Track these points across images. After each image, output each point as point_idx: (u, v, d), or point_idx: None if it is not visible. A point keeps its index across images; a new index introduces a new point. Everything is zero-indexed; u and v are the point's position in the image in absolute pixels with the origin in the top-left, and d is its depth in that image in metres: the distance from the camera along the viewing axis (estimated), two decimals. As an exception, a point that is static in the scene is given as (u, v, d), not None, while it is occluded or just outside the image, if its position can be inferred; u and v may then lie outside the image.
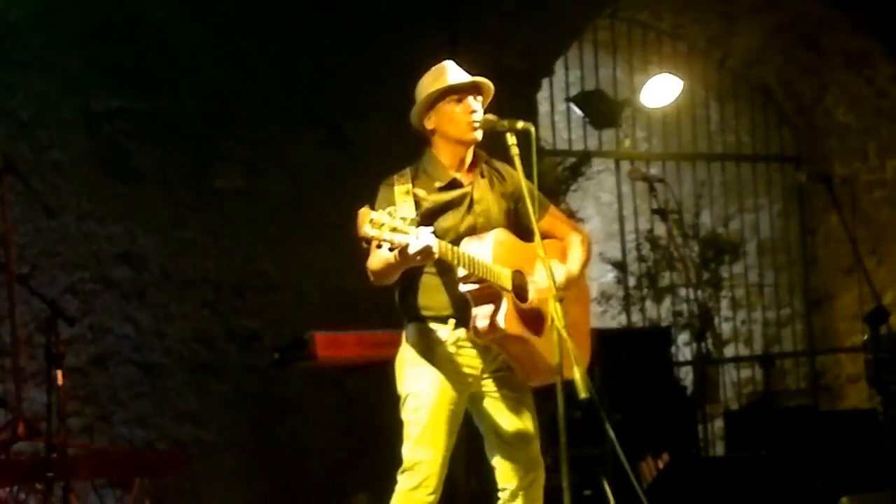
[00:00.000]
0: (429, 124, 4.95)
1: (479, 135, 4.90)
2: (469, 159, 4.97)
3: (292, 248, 8.22)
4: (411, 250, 4.44)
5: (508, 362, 4.87)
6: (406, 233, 4.40)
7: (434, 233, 4.54)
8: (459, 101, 4.89)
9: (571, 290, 4.93)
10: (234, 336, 8.06)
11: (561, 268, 4.90)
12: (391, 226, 4.37)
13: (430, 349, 4.84)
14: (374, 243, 4.46)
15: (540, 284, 4.82)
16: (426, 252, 4.49)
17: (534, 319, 4.84)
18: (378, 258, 4.68)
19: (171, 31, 8.08)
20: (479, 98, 4.93)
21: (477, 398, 4.92)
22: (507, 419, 4.91)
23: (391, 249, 4.45)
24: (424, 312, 4.87)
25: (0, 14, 7.64)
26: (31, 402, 7.17)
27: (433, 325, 4.85)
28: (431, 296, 4.85)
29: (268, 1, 8.40)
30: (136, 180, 7.92)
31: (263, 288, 8.16)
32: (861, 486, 6.68)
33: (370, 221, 4.36)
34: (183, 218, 8.02)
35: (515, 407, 4.92)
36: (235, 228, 8.14)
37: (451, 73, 4.93)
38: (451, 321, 4.83)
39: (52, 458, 6.12)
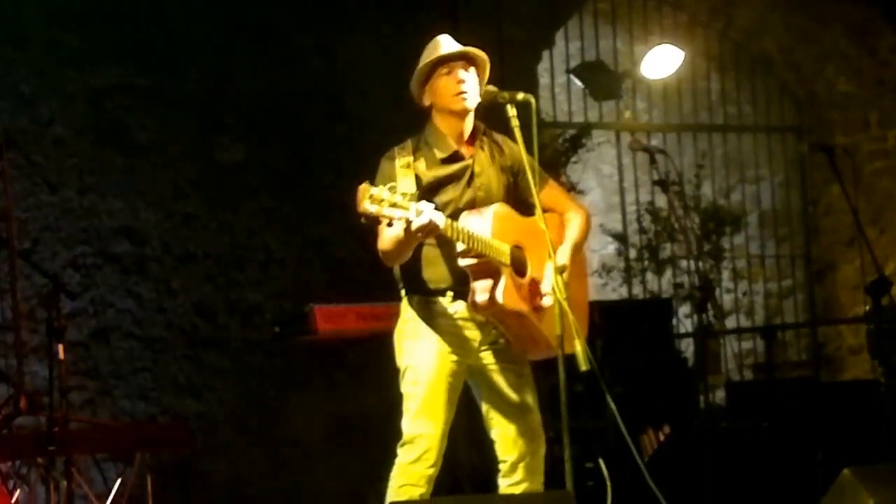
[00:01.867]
0: (426, 100, 4.95)
1: (469, 104, 4.88)
2: (468, 131, 4.96)
3: (293, 222, 8.22)
4: (413, 226, 4.43)
5: (506, 336, 4.87)
6: (406, 208, 4.38)
7: (434, 207, 4.53)
8: (449, 73, 4.88)
9: (569, 267, 4.92)
10: (235, 310, 8.06)
11: (558, 257, 4.86)
12: (391, 201, 4.35)
13: (429, 322, 4.85)
14: (383, 223, 4.45)
15: (539, 259, 4.82)
16: (429, 227, 4.48)
17: (532, 294, 4.84)
18: (387, 238, 4.67)
19: (171, 5, 8.06)
20: (472, 69, 4.91)
21: (475, 370, 4.93)
22: (506, 391, 4.92)
23: (390, 225, 4.44)
24: (423, 285, 4.87)
25: (1, -11, 7.64)
26: (33, 377, 7.19)
27: (432, 298, 4.86)
28: (431, 268, 4.85)
29: (269, -24, 8.39)
30: (137, 155, 7.91)
31: (264, 262, 8.16)
32: (863, 458, 6.65)
33: (369, 197, 4.34)
34: (184, 192, 8.01)
35: (513, 379, 4.93)
36: (236, 202, 8.13)
37: (443, 45, 4.92)
38: (450, 294, 4.83)
39: (54, 433, 6.10)
